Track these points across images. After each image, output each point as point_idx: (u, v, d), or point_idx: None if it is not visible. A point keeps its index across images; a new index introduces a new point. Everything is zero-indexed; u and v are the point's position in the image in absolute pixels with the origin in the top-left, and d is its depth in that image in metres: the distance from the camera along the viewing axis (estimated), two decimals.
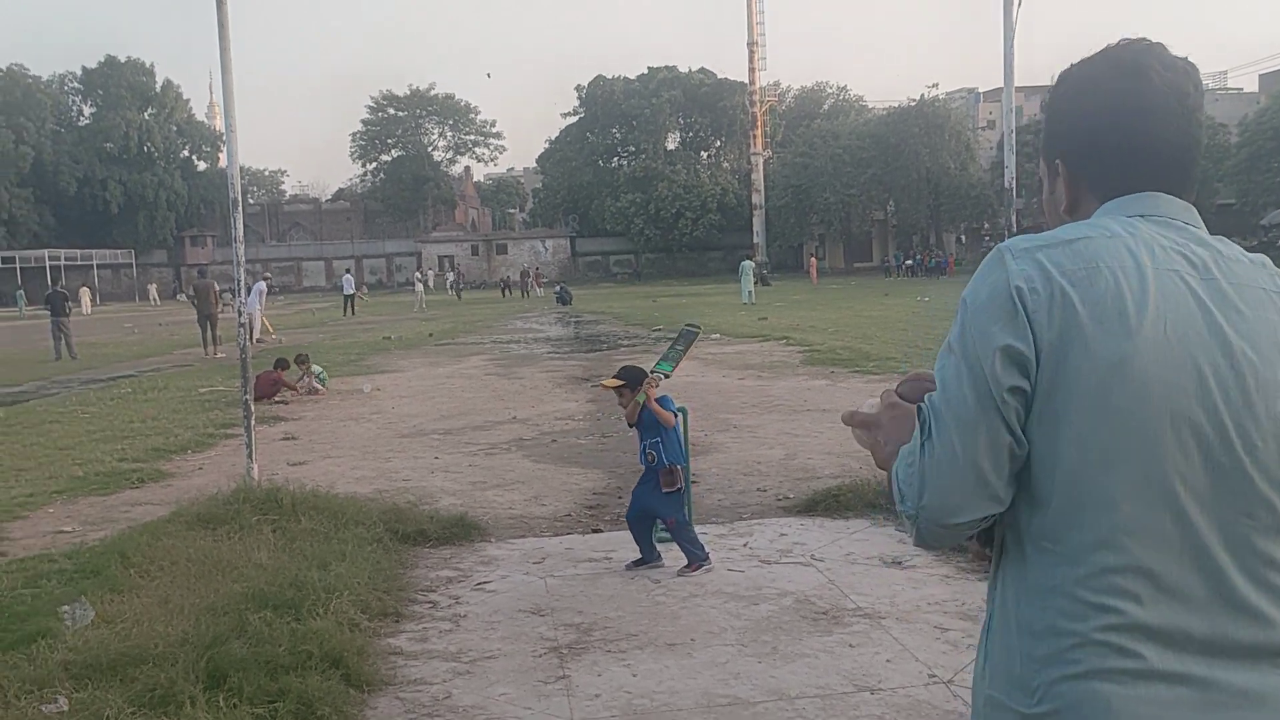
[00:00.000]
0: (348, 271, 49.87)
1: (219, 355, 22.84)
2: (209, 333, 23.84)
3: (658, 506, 6.16)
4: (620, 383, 6.25)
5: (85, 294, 56.92)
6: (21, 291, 62.24)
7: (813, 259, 66.90)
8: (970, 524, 1.44)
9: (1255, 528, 1.40)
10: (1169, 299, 1.41)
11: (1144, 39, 1.57)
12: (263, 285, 28.02)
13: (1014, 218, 8.72)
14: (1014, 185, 8.53)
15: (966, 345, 1.44)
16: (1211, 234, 1.53)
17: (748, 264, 41.33)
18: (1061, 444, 1.39)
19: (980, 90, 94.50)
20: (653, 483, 6.17)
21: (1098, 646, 1.36)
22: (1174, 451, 1.37)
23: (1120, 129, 1.54)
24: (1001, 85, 8.09)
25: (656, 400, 6.16)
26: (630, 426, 6.41)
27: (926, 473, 1.44)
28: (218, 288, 25.70)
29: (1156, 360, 1.38)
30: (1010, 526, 1.48)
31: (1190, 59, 1.56)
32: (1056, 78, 1.64)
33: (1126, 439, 1.37)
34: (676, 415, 6.25)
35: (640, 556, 6.30)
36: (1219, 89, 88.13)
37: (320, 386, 15.41)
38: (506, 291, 60.96)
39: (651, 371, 6.31)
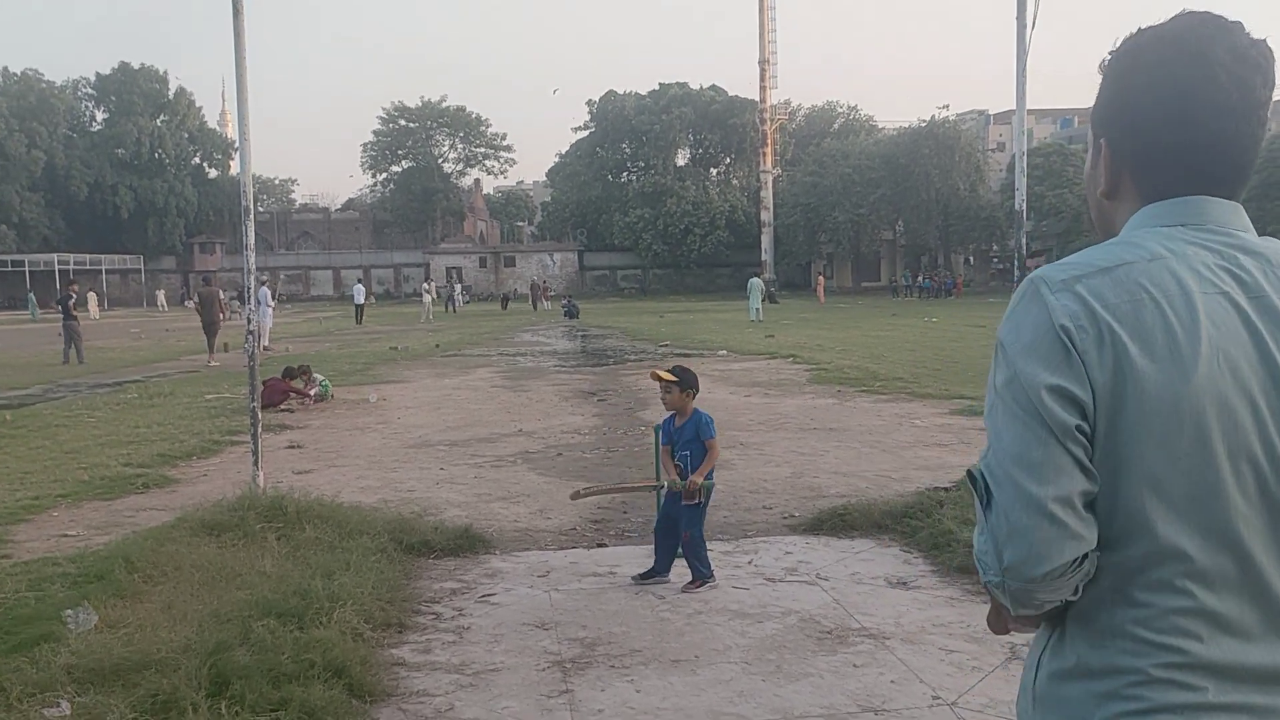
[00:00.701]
0: (359, 281, 50.01)
1: (212, 363, 22.85)
2: (210, 340, 23.88)
3: (679, 518, 6.18)
4: (674, 379, 6.25)
5: (92, 298, 57.03)
6: (33, 295, 62.43)
7: (820, 277, 66.95)
8: (1061, 571, 1.33)
9: None
10: (1219, 327, 1.34)
11: (1220, 17, 1.43)
12: (266, 291, 28.12)
13: (1024, 240, 8.71)
14: (1024, 208, 8.53)
15: (1016, 391, 1.36)
16: None
17: (756, 281, 41.28)
18: (1123, 488, 1.33)
19: (990, 112, 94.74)
20: (679, 494, 6.20)
21: (1159, 683, 1.33)
22: (1235, 492, 1.32)
23: (1172, 123, 1.43)
24: (1012, 107, 8.10)
25: (696, 408, 6.28)
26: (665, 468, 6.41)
27: (997, 531, 1.35)
28: (222, 296, 25.66)
29: (1214, 399, 1.31)
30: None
31: (1264, 43, 1.43)
32: (1119, 43, 1.50)
33: (1191, 482, 1.32)
34: (715, 439, 6.25)
35: (651, 567, 6.28)
36: None
37: (325, 394, 15.40)
38: (507, 304, 60.69)
39: (668, 484, 6.31)
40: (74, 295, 25.57)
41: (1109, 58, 1.51)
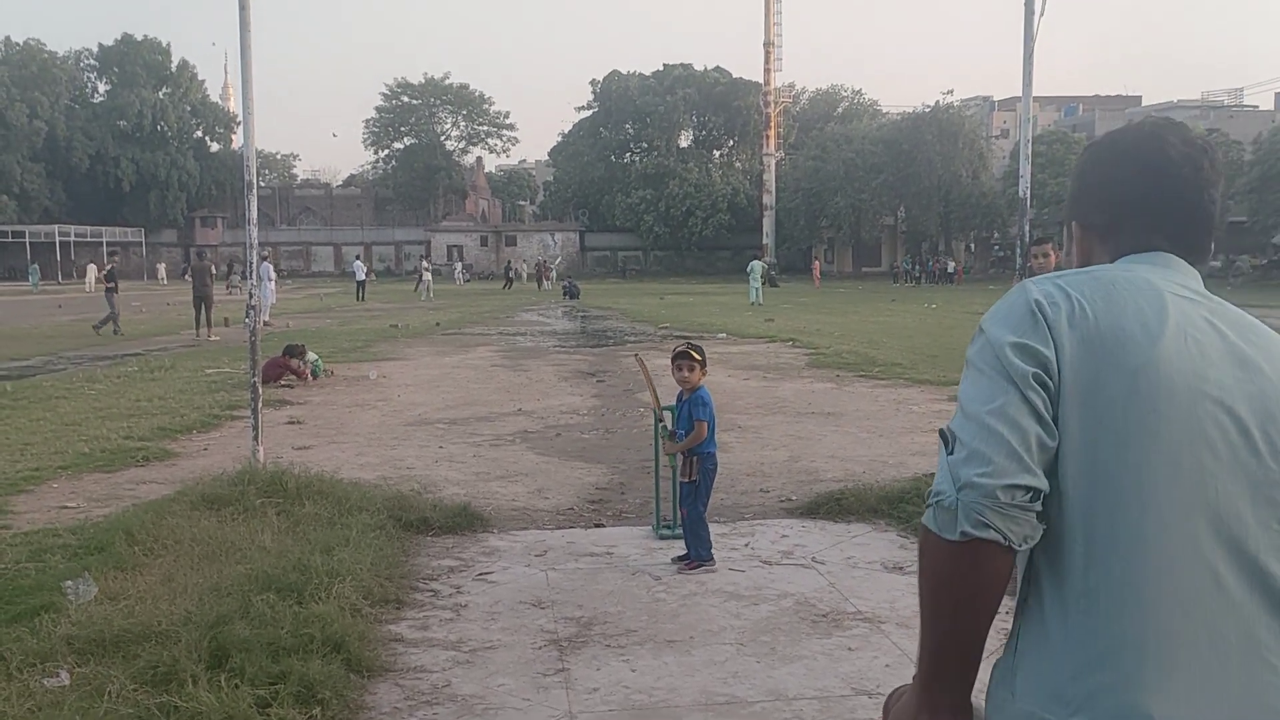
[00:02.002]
0: (357, 258, 50.01)
1: (213, 338, 22.87)
2: (203, 314, 23.85)
3: (682, 493, 6.27)
4: (699, 359, 6.34)
5: (91, 270, 57.01)
6: (35, 266, 62.36)
7: (816, 261, 66.84)
8: (1013, 496, 1.39)
9: None
10: (1186, 316, 1.48)
11: (1167, 117, 1.72)
12: (269, 267, 28.12)
13: (1027, 227, 8.70)
14: (1028, 195, 8.53)
15: (984, 353, 1.49)
16: (1221, 250, 1.64)
17: (757, 264, 41.03)
18: (1089, 442, 1.43)
19: (995, 98, 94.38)
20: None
21: (1135, 651, 1.38)
22: (1204, 453, 1.42)
23: (1136, 189, 1.62)
24: (1016, 94, 8.09)
25: (701, 385, 6.35)
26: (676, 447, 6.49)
27: (955, 462, 1.43)
28: (215, 270, 25.68)
29: (1181, 367, 1.43)
30: (1041, 540, 1.47)
31: (1209, 138, 1.69)
32: (1084, 148, 1.75)
33: (1158, 439, 1.41)
34: (704, 421, 6.26)
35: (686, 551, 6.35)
36: (1234, 106, 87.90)
37: (317, 374, 15.32)
38: (510, 284, 60.25)
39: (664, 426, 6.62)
40: (108, 267, 25.99)
41: (1076, 164, 1.75)
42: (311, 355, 15.73)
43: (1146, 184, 1.61)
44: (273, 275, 29.53)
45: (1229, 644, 1.39)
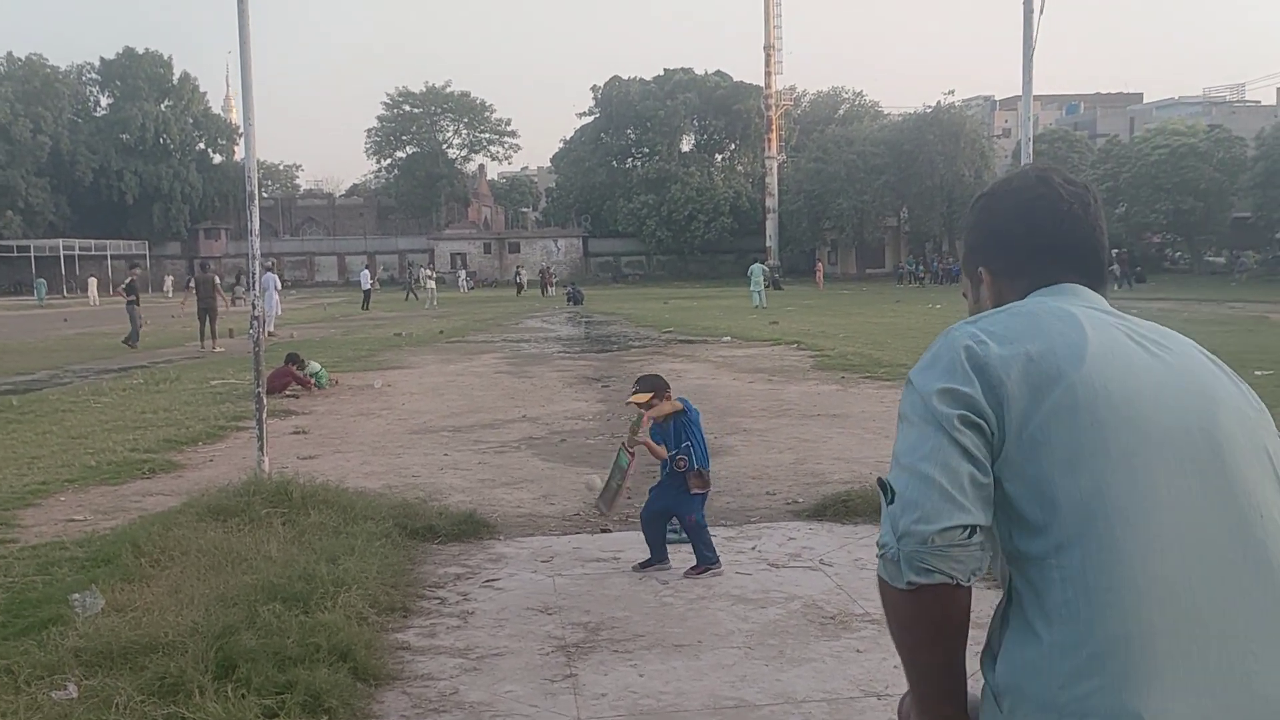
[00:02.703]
0: (365, 268, 50.06)
1: (218, 349, 22.89)
2: (207, 326, 23.83)
3: (682, 505, 6.19)
4: (649, 395, 6.25)
5: (92, 284, 57.17)
6: (42, 280, 62.52)
7: (820, 263, 66.78)
8: (951, 539, 1.43)
9: (1263, 510, 1.49)
10: (1106, 334, 1.57)
11: (1048, 163, 1.82)
12: (273, 277, 28.18)
13: None
14: None
15: (914, 404, 1.55)
16: (1225, 246, 1.65)
17: (757, 267, 40.75)
18: (1042, 464, 1.47)
19: (996, 98, 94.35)
20: (674, 484, 6.21)
21: (1121, 653, 1.39)
22: (1153, 453, 1.47)
23: (1033, 227, 1.72)
24: (1017, 93, 8.08)
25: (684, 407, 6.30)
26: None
27: (894, 513, 1.48)
28: (218, 281, 25.72)
29: (1113, 379, 1.51)
30: (1013, 553, 1.50)
31: (1089, 179, 1.77)
32: (974, 199, 1.85)
33: (1109, 446, 1.46)
34: (661, 443, 6.29)
35: (649, 557, 6.31)
36: (1237, 101, 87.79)
37: (321, 385, 15.28)
38: (520, 290, 60.41)
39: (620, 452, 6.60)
40: (127, 280, 25.99)
41: (969, 214, 1.84)
42: (314, 365, 15.66)
43: (1044, 224, 1.70)
44: (278, 285, 29.57)
45: (1209, 636, 1.40)
